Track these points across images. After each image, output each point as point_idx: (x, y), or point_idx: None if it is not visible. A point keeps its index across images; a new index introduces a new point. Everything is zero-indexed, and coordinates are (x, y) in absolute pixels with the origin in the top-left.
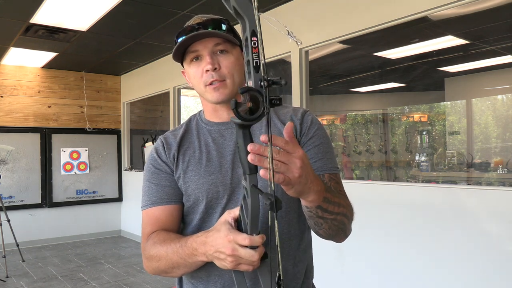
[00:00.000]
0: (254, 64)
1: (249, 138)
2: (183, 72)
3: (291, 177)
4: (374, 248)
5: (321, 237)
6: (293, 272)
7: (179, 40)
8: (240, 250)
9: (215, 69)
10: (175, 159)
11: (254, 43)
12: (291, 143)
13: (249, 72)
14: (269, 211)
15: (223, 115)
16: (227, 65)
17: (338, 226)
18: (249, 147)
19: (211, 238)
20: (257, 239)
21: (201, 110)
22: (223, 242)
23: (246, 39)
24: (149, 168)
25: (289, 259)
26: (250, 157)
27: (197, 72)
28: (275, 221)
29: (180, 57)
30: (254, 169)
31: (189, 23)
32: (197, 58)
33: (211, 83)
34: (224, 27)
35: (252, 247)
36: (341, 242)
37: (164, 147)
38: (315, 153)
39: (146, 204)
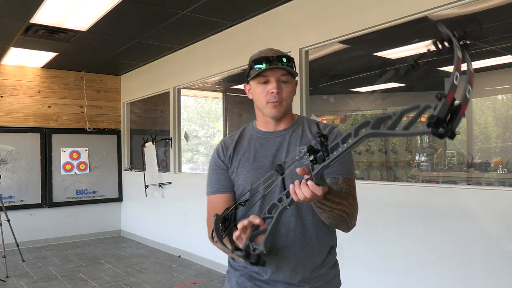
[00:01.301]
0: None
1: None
2: (245, 86)
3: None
4: (374, 248)
5: (326, 223)
6: (317, 250)
7: (256, 66)
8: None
9: (278, 93)
10: (231, 158)
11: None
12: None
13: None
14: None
15: (271, 126)
16: (286, 92)
17: (337, 218)
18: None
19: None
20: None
21: (254, 121)
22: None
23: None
24: (211, 165)
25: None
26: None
27: (263, 91)
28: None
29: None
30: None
31: (264, 53)
32: (266, 82)
33: (273, 102)
34: (289, 62)
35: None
36: (346, 231)
37: (223, 149)
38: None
39: (209, 192)
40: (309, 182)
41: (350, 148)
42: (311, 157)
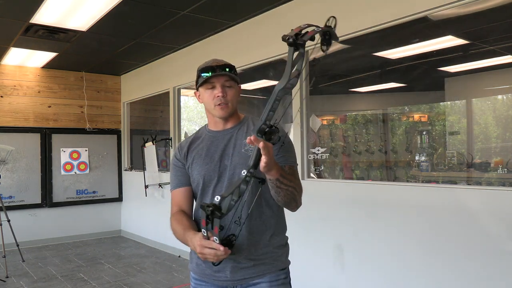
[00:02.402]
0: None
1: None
2: (195, 92)
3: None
4: (374, 248)
5: (280, 204)
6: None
7: (203, 74)
8: (205, 250)
9: (223, 96)
10: (185, 156)
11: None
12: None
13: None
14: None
15: (220, 126)
16: (231, 95)
17: (291, 196)
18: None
19: (193, 239)
20: (217, 247)
21: (206, 124)
22: (196, 244)
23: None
24: (171, 165)
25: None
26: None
27: (210, 95)
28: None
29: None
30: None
31: (209, 64)
32: (212, 87)
33: (219, 104)
34: (231, 70)
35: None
36: (294, 211)
37: (179, 150)
38: (282, 152)
39: (171, 188)
40: (252, 137)
41: (269, 107)
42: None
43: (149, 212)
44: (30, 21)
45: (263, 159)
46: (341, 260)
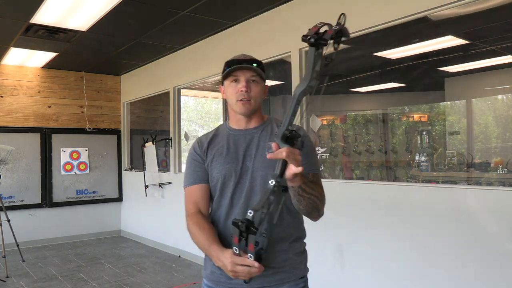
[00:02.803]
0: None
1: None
2: (220, 87)
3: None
4: (374, 248)
5: (302, 213)
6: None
7: (229, 68)
8: (238, 268)
9: (247, 91)
10: (205, 152)
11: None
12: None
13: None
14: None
15: (242, 124)
16: (255, 91)
17: (313, 205)
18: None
19: (221, 256)
20: (251, 264)
21: (227, 120)
22: (226, 262)
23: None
24: (189, 159)
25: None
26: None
27: (234, 90)
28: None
29: (224, 77)
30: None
31: (236, 57)
32: (236, 80)
33: (241, 100)
34: (259, 66)
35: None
36: (315, 220)
37: (198, 145)
38: (304, 158)
39: (186, 184)
40: (273, 144)
41: (291, 112)
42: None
43: (149, 212)
44: (30, 21)
45: (293, 167)
46: (341, 260)
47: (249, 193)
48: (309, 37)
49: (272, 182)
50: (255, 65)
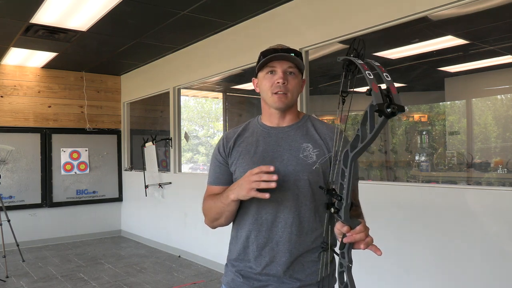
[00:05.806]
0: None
1: None
2: (253, 80)
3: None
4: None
5: None
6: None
7: (264, 57)
8: (253, 173)
9: (284, 83)
10: (231, 150)
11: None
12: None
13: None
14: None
15: (275, 121)
16: (292, 84)
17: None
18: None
19: (237, 182)
20: (265, 168)
21: (259, 115)
22: (243, 178)
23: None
24: (212, 157)
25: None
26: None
27: (269, 82)
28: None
29: (258, 68)
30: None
31: (273, 46)
32: (272, 72)
33: (276, 93)
34: (297, 56)
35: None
36: None
37: (223, 142)
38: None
39: (208, 181)
40: (345, 228)
41: (350, 180)
42: (332, 210)
43: (149, 212)
44: (30, 21)
45: (362, 246)
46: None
47: (279, 199)
48: (386, 107)
49: (332, 211)
50: (293, 55)
